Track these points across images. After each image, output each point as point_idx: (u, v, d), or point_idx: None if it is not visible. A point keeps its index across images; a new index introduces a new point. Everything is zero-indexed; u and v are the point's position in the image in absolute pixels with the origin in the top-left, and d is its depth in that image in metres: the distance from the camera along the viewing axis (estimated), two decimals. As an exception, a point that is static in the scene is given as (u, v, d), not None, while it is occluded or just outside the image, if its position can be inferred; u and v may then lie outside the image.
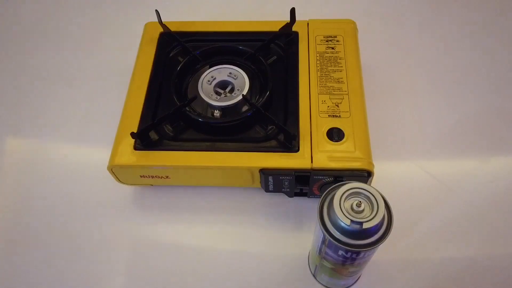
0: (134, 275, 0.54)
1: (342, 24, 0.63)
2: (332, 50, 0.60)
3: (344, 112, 0.54)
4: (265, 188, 0.54)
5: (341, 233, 0.37)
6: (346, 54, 0.60)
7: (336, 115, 0.54)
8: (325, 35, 0.62)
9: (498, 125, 0.63)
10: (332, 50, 0.60)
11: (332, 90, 0.56)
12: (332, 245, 0.38)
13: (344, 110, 0.54)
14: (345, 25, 0.63)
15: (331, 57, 0.59)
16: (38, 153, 0.65)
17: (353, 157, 0.51)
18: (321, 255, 0.43)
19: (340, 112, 0.54)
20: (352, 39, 0.61)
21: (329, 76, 0.58)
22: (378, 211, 0.36)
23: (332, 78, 0.57)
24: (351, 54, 0.60)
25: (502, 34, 0.74)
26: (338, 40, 0.61)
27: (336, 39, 0.61)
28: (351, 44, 0.61)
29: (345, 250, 0.38)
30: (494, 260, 0.53)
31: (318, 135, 0.52)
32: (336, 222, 0.37)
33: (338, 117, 0.54)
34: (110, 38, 0.78)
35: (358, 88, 0.56)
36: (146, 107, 0.57)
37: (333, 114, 0.54)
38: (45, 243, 0.57)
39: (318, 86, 0.57)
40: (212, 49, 0.62)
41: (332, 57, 0.59)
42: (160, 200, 0.59)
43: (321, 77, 0.58)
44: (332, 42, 0.61)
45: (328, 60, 0.59)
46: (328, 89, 0.56)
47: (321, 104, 0.55)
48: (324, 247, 0.41)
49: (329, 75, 0.58)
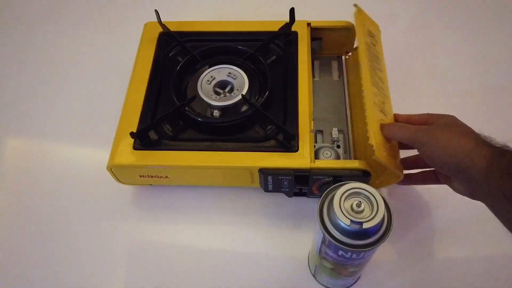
0: (133, 274, 0.54)
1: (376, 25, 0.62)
2: (374, 47, 0.58)
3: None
4: (264, 188, 0.54)
5: (341, 233, 0.37)
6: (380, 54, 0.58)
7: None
8: (369, 31, 0.60)
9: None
10: (374, 47, 0.58)
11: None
12: (332, 245, 0.38)
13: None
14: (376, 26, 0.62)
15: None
16: (38, 152, 0.65)
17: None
18: (321, 255, 0.43)
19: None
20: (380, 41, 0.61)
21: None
22: (378, 211, 0.36)
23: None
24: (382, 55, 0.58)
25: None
26: (377, 40, 0.60)
27: (375, 38, 0.60)
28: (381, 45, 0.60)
29: (345, 250, 0.38)
30: (494, 260, 0.53)
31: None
32: (336, 222, 0.37)
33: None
34: (109, 38, 0.78)
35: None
36: (145, 107, 0.57)
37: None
38: (44, 242, 0.57)
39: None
40: (211, 49, 0.62)
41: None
42: (160, 200, 0.59)
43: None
44: (374, 38, 0.60)
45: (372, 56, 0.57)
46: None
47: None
48: (324, 247, 0.40)
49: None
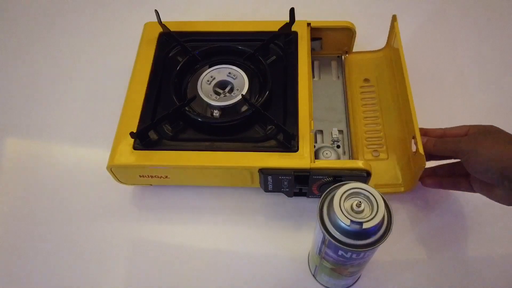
0: (134, 274, 0.54)
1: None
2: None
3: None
4: (264, 188, 0.54)
5: (341, 233, 0.37)
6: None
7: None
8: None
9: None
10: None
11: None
12: (332, 245, 0.38)
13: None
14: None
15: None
16: (38, 153, 0.65)
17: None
18: (321, 255, 0.43)
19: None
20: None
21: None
22: (378, 211, 0.36)
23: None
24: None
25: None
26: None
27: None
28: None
29: (345, 250, 0.38)
30: (494, 260, 0.53)
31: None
32: (336, 222, 0.37)
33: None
34: (109, 38, 0.78)
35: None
36: (145, 107, 0.57)
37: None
38: (44, 243, 0.57)
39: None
40: (211, 49, 0.61)
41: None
42: (160, 200, 0.59)
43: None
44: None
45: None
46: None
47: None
48: (324, 247, 0.40)
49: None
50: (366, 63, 0.67)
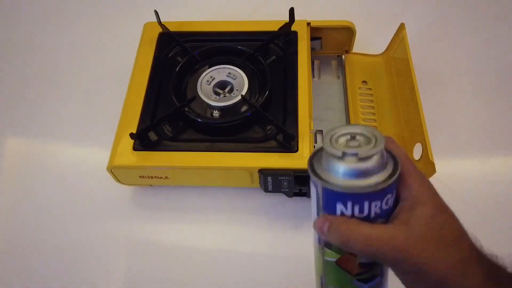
0: (134, 274, 0.54)
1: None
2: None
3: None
4: (264, 188, 0.54)
5: (335, 175, 0.30)
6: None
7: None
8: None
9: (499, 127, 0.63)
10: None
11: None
12: (328, 197, 0.32)
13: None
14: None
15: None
16: (37, 153, 0.65)
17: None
18: (321, 244, 0.37)
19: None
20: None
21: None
22: (377, 141, 0.30)
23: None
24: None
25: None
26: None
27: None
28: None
29: (344, 198, 0.31)
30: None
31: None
32: (328, 165, 0.31)
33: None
34: (109, 38, 0.77)
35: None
36: (145, 108, 0.57)
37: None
38: (44, 243, 0.57)
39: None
40: (211, 49, 0.61)
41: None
42: (160, 200, 0.59)
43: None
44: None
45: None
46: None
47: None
48: (321, 209, 0.34)
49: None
50: (365, 66, 0.67)
